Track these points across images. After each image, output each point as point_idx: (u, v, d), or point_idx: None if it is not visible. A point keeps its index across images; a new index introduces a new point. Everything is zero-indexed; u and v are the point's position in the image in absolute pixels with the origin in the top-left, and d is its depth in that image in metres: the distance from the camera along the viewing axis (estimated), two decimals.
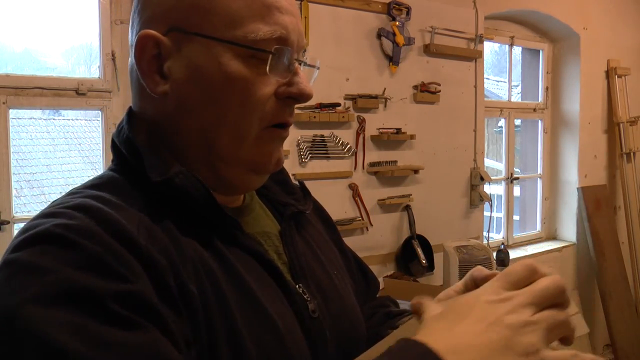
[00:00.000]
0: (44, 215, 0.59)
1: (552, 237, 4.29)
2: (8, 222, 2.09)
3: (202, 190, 0.67)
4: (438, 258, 3.10)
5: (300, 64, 0.72)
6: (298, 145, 2.68)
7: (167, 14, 0.67)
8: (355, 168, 2.89)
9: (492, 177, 3.73)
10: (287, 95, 0.69)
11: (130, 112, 0.74)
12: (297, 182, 0.89)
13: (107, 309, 0.51)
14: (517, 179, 4.08)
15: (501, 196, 4.10)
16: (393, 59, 2.99)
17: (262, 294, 0.66)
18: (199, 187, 0.67)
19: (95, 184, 0.67)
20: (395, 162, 3.05)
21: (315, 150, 2.74)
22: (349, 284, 0.85)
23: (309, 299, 0.72)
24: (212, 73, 0.66)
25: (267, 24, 0.66)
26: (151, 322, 0.53)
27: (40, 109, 3.23)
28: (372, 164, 2.96)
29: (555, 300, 0.54)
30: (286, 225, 0.79)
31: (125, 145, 0.70)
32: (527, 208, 4.34)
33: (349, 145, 2.85)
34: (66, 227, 0.55)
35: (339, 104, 2.78)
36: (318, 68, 0.80)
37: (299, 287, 0.73)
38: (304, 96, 0.70)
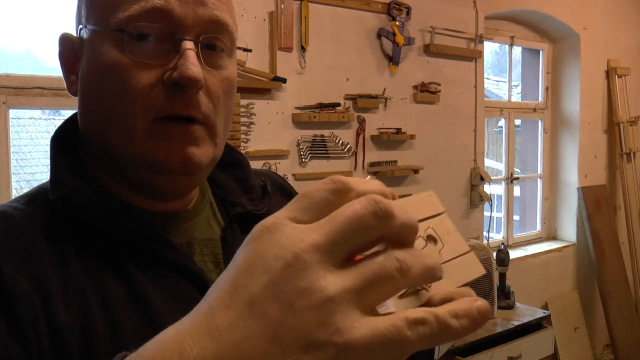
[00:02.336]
0: None
1: (552, 237, 4.29)
2: None
3: (101, 207, 0.62)
4: None
5: (197, 44, 0.62)
6: (298, 145, 2.68)
7: (77, 14, 0.67)
8: (355, 168, 2.89)
9: (492, 177, 3.73)
10: (172, 81, 0.60)
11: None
12: (261, 181, 0.81)
13: None
14: (517, 179, 4.08)
15: (501, 196, 4.10)
16: (393, 59, 2.99)
17: (175, 315, 0.58)
18: (99, 203, 0.62)
19: (26, 194, 0.67)
20: (395, 162, 3.05)
21: (315, 150, 2.74)
22: None
23: None
24: (95, 65, 0.63)
25: (138, 1, 0.60)
26: None
27: (40, 109, 3.23)
28: (372, 164, 2.96)
29: (369, 236, 0.32)
30: (228, 228, 0.72)
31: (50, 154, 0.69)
32: (527, 208, 4.34)
33: (349, 145, 2.85)
34: None
35: (339, 104, 2.78)
36: (248, 50, 0.70)
37: None
38: (185, 80, 0.59)
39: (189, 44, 0.60)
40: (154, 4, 0.59)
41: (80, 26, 0.66)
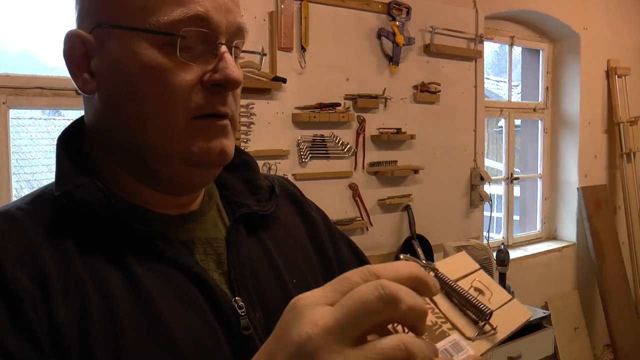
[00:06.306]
0: None
1: (552, 237, 4.29)
2: None
3: (104, 203, 0.63)
4: (438, 258, 3.10)
5: (231, 48, 0.66)
6: (298, 145, 2.68)
7: (90, 11, 0.66)
8: (355, 168, 2.89)
9: (492, 177, 3.73)
10: (212, 82, 0.64)
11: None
12: (269, 182, 0.82)
13: None
14: (517, 179, 4.08)
15: (501, 196, 4.10)
16: (393, 59, 2.99)
17: (175, 313, 0.62)
18: (102, 199, 0.63)
19: (31, 194, 0.68)
20: (395, 162, 3.05)
21: (315, 150, 2.74)
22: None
23: (243, 313, 0.66)
24: (129, 65, 0.63)
25: (180, 5, 0.62)
26: None
27: (40, 109, 3.23)
28: (372, 164, 2.95)
29: (375, 319, 0.38)
30: (233, 229, 0.73)
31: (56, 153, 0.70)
32: (527, 208, 4.34)
33: (349, 145, 2.85)
34: None
35: (339, 104, 2.78)
36: (264, 54, 0.74)
37: (235, 300, 0.67)
38: (229, 82, 0.64)
39: (226, 48, 0.65)
40: (197, 11, 0.62)
41: (94, 25, 0.65)
